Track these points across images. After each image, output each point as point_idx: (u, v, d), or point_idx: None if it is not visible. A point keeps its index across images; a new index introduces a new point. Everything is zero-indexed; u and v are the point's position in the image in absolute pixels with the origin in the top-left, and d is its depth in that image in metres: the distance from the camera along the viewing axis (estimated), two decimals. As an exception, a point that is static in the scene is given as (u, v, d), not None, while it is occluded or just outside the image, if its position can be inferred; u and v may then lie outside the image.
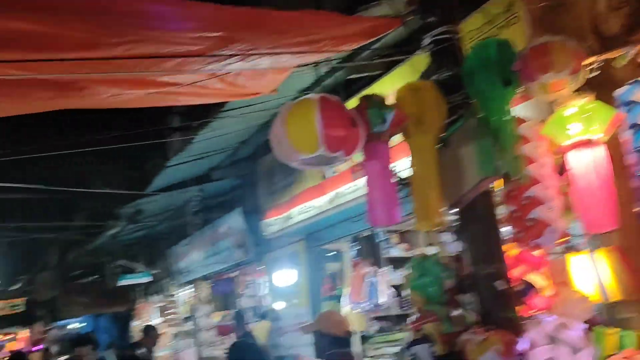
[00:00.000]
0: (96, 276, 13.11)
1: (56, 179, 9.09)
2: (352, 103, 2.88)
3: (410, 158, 2.83)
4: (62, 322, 16.48)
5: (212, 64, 3.10)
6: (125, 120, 7.69)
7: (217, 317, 8.85)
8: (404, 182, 2.92)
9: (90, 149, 6.37)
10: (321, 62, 3.67)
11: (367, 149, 2.73)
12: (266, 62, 3.27)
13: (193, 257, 9.17)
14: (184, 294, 9.85)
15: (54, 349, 12.68)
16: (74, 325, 17.04)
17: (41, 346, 14.34)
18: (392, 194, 2.73)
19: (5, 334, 20.30)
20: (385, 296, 5.97)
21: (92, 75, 3.07)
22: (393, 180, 2.78)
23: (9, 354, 9.69)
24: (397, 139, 2.92)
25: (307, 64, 3.77)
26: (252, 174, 7.67)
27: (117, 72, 2.88)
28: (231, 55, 3.05)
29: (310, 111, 2.53)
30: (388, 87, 3.61)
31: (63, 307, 13.21)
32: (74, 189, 8.27)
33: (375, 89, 3.47)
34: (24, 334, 19.46)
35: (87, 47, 2.68)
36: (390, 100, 2.86)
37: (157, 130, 7.67)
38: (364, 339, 6.11)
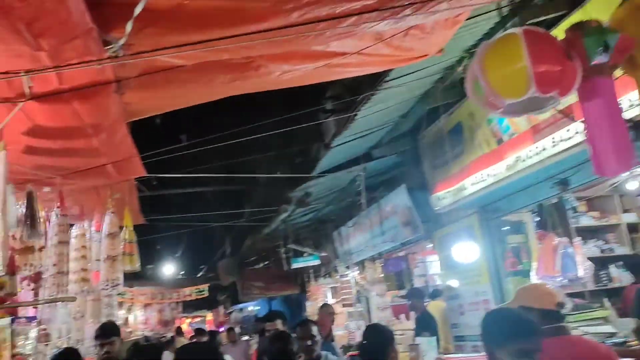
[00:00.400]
0: (268, 261, 13.90)
1: (228, 171, 9.75)
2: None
3: (640, 92, 2.34)
4: (240, 305, 17.92)
5: (387, 19, 2.87)
6: (285, 106, 7.93)
7: (390, 297, 8.77)
8: (631, 124, 2.42)
9: (265, 134, 6.60)
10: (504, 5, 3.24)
11: (585, 86, 2.29)
12: (444, 7, 2.95)
13: (359, 237, 9.17)
14: (354, 275, 9.94)
15: (237, 329, 13.75)
16: (251, 308, 18.47)
17: (224, 327, 15.73)
18: (623, 137, 2.27)
19: (194, 317, 22.82)
20: (582, 269, 5.29)
21: (269, 50, 3.04)
22: (621, 119, 2.30)
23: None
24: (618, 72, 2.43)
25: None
26: (414, 148, 7.40)
27: (296, 35, 2.77)
28: (407, 5, 2.79)
29: (516, 47, 2.18)
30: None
31: (241, 292, 14.23)
32: (252, 175, 8.74)
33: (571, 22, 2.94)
34: (209, 316, 21.71)
35: (266, 17, 2.62)
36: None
37: (314, 112, 7.76)
38: (559, 316, 5.50)
